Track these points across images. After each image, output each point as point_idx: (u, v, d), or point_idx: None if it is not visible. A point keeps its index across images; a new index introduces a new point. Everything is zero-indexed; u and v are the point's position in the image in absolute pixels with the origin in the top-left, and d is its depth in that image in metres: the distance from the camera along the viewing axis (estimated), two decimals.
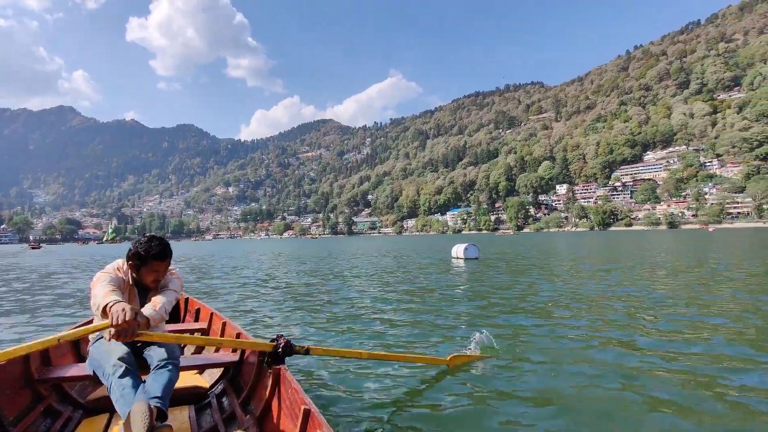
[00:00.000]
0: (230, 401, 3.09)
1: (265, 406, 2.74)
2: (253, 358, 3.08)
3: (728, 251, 22.56)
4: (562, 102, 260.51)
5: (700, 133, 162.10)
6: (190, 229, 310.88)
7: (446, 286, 10.86)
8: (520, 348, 5.02)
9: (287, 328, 6.40)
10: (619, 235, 78.74)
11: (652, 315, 6.73)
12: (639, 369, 4.24)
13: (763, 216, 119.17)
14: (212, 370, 3.55)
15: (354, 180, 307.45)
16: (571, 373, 4.17)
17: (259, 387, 2.98)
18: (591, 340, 5.35)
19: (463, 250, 21.86)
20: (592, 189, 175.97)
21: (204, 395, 3.22)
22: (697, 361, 4.50)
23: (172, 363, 2.40)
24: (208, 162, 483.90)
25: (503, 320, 6.67)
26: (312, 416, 2.14)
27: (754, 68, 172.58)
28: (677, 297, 8.46)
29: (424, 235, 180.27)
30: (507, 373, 4.22)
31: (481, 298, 8.88)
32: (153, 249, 2.66)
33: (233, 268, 18.88)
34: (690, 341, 5.29)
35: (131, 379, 2.20)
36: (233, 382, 3.33)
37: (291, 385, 2.49)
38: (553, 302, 8.11)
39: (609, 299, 8.31)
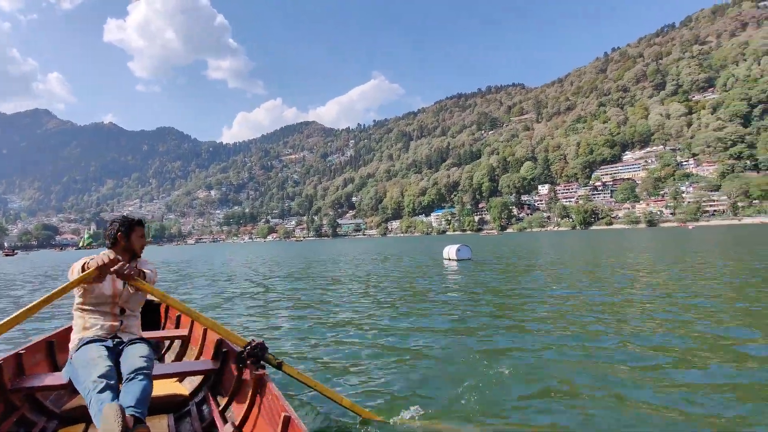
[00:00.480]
0: (210, 409, 3.03)
1: (245, 414, 2.70)
2: (234, 366, 2.99)
3: (709, 249, 23.09)
4: (542, 103, 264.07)
5: (676, 133, 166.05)
6: (171, 233, 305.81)
7: (444, 292, 10.27)
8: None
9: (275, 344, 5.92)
10: (600, 234, 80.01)
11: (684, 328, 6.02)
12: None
13: (738, 213, 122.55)
14: (192, 377, 3.46)
15: (338, 182, 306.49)
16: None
17: (240, 394, 2.92)
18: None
19: (456, 251, 21.40)
20: (574, 189, 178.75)
21: (184, 403, 3.15)
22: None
23: (143, 372, 2.39)
24: (189, 165, 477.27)
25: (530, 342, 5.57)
26: (292, 423, 2.12)
27: (727, 70, 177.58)
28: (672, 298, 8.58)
29: (409, 236, 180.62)
30: None
31: (489, 314, 7.51)
32: (131, 217, 2.98)
33: (214, 276, 18.21)
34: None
35: (111, 393, 2.21)
36: (214, 390, 3.25)
37: (272, 392, 2.46)
38: (558, 311, 7.48)
39: (614, 305, 7.87)
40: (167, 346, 4.68)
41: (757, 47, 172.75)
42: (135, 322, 2.89)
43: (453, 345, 5.47)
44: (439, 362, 4.79)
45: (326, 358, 5.08)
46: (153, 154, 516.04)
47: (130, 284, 2.68)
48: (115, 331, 2.71)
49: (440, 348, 5.34)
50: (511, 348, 5.28)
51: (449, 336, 5.93)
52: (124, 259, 2.79)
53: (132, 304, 2.86)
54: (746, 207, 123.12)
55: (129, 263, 2.78)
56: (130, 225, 2.92)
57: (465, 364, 4.65)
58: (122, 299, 2.79)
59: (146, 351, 2.61)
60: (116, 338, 2.68)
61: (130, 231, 2.91)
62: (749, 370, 4.19)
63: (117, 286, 2.77)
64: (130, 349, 2.59)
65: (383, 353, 5.23)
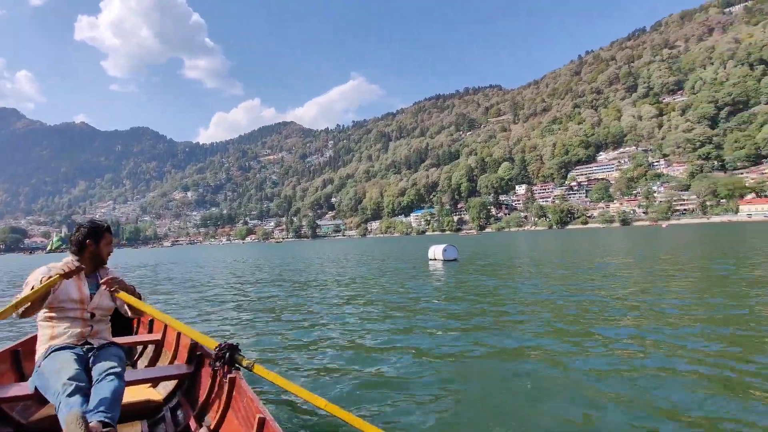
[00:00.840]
0: (185, 414, 2.99)
1: (220, 418, 2.67)
2: (208, 369, 2.96)
3: (686, 248, 23.82)
4: (519, 105, 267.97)
5: (648, 135, 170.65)
6: (146, 235, 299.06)
7: (437, 297, 9.87)
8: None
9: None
10: (577, 233, 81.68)
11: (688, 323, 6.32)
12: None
13: (707, 212, 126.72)
14: (166, 382, 3.40)
15: (317, 183, 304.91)
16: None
17: (215, 398, 2.89)
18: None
19: (442, 251, 20.86)
20: (550, 189, 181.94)
21: (158, 409, 3.09)
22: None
23: (114, 373, 2.32)
24: (164, 166, 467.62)
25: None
26: (267, 425, 2.10)
27: (695, 73, 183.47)
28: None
29: (389, 236, 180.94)
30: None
31: (482, 311, 7.80)
32: (100, 222, 2.85)
33: (194, 281, 17.81)
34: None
35: (81, 397, 2.13)
36: (188, 395, 3.21)
37: (246, 395, 2.43)
38: (556, 312, 7.51)
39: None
40: (140, 351, 4.61)
41: (722, 51, 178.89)
42: (105, 327, 2.81)
43: (444, 350, 5.45)
44: (431, 366, 4.82)
45: (313, 364, 5.06)
46: (127, 155, 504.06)
47: (120, 297, 2.63)
48: (85, 337, 2.61)
49: (434, 353, 5.31)
50: (498, 350, 5.39)
51: (443, 341, 5.82)
52: (89, 267, 2.74)
53: (102, 308, 2.77)
54: (714, 206, 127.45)
55: (96, 271, 2.76)
56: (100, 232, 2.80)
57: (455, 371, 4.66)
58: (92, 304, 2.70)
59: (117, 353, 2.57)
60: (87, 344, 2.59)
61: (100, 238, 2.79)
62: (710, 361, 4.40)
63: (84, 290, 2.67)
64: (101, 354, 2.53)
65: (371, 361, 5.15)
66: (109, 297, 2.78)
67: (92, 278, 2.79)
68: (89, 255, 2.77)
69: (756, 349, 4.90)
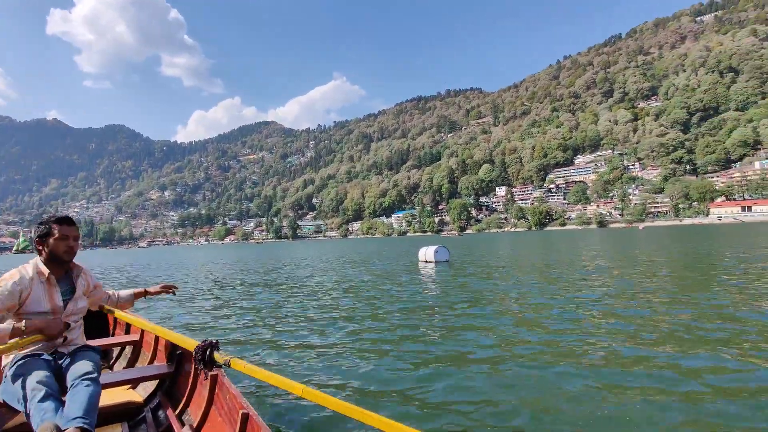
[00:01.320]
0: (166, 414, 2.96)
1: (202, 416, 2.65)
2: (189, 367, 2.95)
3: (670, 250, 24.61)
4: (499, 108, 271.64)
5: (623, 139, 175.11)
6: (122, 236, 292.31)
7: (436, 304, 9.08)
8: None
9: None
10: (556, 234, 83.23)
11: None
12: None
13: (680, 215, 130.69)
14: (146, 383, 3.35)
15: (298, 183, 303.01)
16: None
17: (196, 396, 2.89)
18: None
19: (433, 252, 20.34)
20: (529, 191, 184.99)
21: (138, 410, 3.05)
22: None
23: (89, 378, 2.22)
24: (141, 164, 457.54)
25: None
26: (251, 420, 2.08)
27: (668, 79, 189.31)
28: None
29: (370, 237, 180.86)
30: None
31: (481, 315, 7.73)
32: (57, 215, 2.51)
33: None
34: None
35: (53, 402, 2.05)
36: (169, 394, 3.18)
37: (229, 391, 2.41)
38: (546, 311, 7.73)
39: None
40: (117, 353, 4.56)
41: (694, 59, 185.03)
42: (78, 332, 2.64)
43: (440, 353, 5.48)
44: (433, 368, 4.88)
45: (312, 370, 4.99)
46: (101, 153, 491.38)
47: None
48: (56, 347, 2.46)
49: (429, 357, 5.36)
50: (493, 357, 5.56)
51: (447, 345, 5.75)
52: (55, 271, 2.49)
53: (76, 317, 2.59)
54: (686, 209, 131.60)
55: (70, 273, 2.57)
56: (48, 227, 2.46)
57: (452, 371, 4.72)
58: (66, 312, 2.50)
59: (91, 357, 2.45)
60: (56, 353, 2.45)
61: (48, 235, 2.46)
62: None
63: (56, 299, 2.46)
64: (75, 359, 2.39)
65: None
66: (85, 300, 2.65)
67: (64, 282, 2.56)
68: (47, 256, 2.48)
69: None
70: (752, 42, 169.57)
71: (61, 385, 2.26)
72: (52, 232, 2.46)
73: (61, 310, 2.46)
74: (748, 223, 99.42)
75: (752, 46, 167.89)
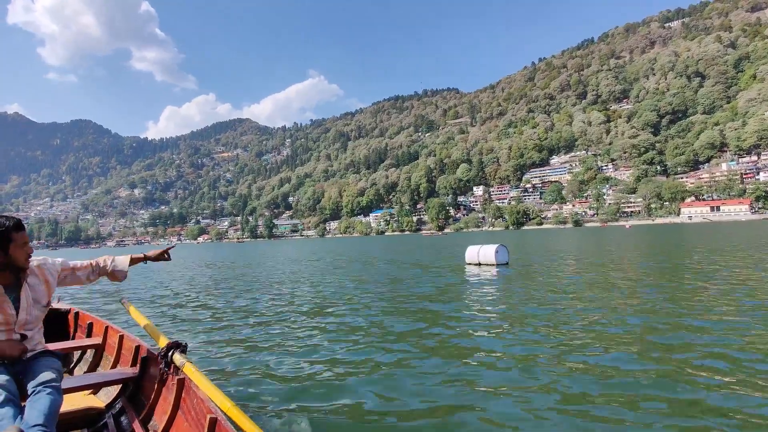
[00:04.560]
0: (129, 420, 2.83)
1: (168, 421, 2.54)
2: (155, 371, 2.82)
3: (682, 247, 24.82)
4: (476, 108, 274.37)
5: (597, 140, 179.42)
6: (88, 235, 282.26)
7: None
8: None
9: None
10: (541, 233, 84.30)
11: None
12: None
13: (652, 214, 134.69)
14: (108, 388, 3.23)
15: (274, 182, 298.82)
16: None
17: (162, 400, 2.76)
18: None
19: (494, 253, 16.83)
20: (506, 190, 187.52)
21: (99, 417, 2.93)
22: None
23: (51, 386, 2.13)
24: (109, 161, 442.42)
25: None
26: (219, 425, 2.03)
27: (639, 83, 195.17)
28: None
29: (348, 237, 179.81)
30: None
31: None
32: (7, 222, 2.25)
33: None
34: None
35: (12, 408, 1.98)
36: (133, 399, 3.04)
37: (196, 395, 2.32)
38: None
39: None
40: (78, 357, 4.26)
41: (663, 63, 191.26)
42: (38, 337, 2.48)
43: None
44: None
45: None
46: (67, 149, 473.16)
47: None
48: (15, 358, 2.30)
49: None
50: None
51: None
52: (7, 278, 2.30)
53: (33, 324, 2.42)
54: (658, 208, 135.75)
55: (22, 280, 2.36)
56: (5, 236, 2.23)
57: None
58: (19, 323, 2.33)
59: (52, 363, 2.33)
60: (14, 360, 2.30)
61: (7, 242, 2.24)
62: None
63: (7, 310, 2.29)
64: (34, 365, 2.26)
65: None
66: (40, 307, 2.44)
67: (13, 289, 2.34)
68: (2, 264, 2.26)
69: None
70: (717, 48, 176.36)
71: (20, 388, 2.17)
72: (14, 237, 2.26)
73: (14, 319, 2.30)
74: (716, 222, 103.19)
75: (717, 52, 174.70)
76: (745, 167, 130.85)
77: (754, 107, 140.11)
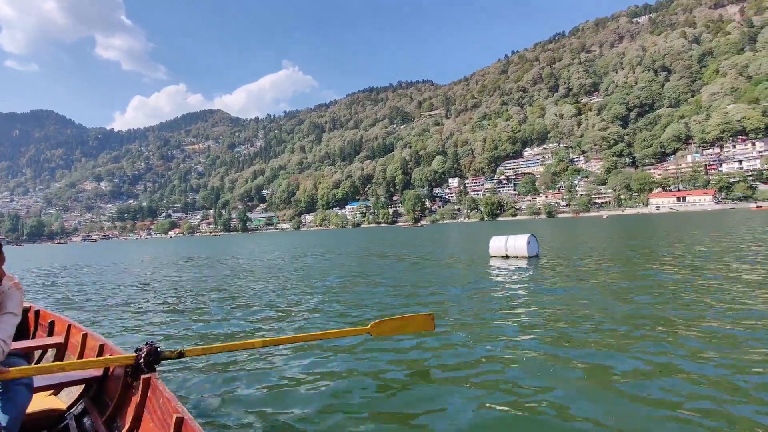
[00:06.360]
0: (93, 421, 2.77)
1: (133, 421, 2.48)
2: (120, 370, 2.78)
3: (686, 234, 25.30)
4: (451, 100, 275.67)
5: (568, 132, 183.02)
6: (52, 230, 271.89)
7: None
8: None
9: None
10: (511, 224, 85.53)
11: None
12: None
13: (621, 205, 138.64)
14: (71, 388, 3.14)
15: (247, 174, 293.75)
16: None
17: (127, 401, 2.70)
18: None
19: (525, 244, 15.18)
20: (481, 182, 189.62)
21: (60, 418, 2.84)
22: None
23: (23, 384, 2.07)
24: (73, 153, 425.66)
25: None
26: (185, 424, 2.00)
27: (609, 76, 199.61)
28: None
29: (323, 229, 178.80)
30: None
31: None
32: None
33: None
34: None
35: None
36: (97, 400, 2.97)
37: (163, 395, 2.28)
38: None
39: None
40: (39, 356, 4.14)
41: (632, 58, 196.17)
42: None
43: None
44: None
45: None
46: (27, 140, 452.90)
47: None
48: None
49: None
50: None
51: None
52: None
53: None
54: (627, 199, 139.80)
55: None
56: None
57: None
58: None
59: (16, 362, 2.30)
60: None
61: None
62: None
63: None
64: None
65: None
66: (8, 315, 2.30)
67: None
68: None
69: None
70: (682, 43, 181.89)
71: None
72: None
73: None
74: (682, 212, 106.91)
75: (682, 47, 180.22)
76: (708, 159, 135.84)
77: (717, 101, 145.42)
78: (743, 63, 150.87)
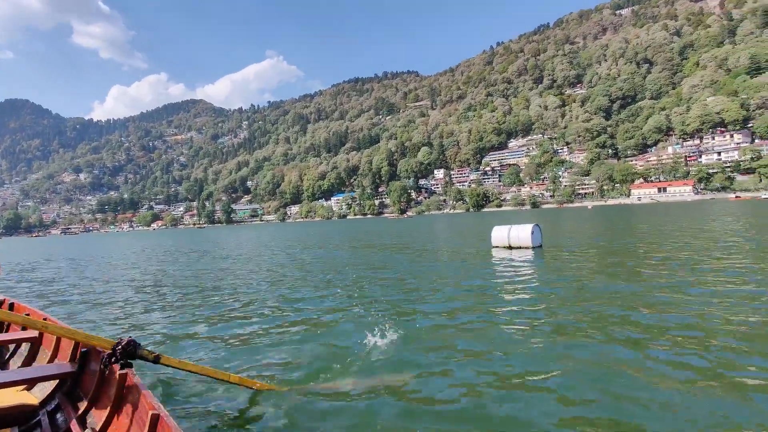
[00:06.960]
0: (66, 417, 2.73)
1: (107, 417, 2.44)
2: (95, 366, 2.73)
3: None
4: (436, 91, 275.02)
5: (552, 123, 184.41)
6: (30, 223, 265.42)
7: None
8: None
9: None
10: (496, 215, 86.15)
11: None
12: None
13: (605, 195, 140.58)
14: (44, 383, 3.08)
15: (231, 165, 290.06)
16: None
17: (102, 397, 2.66)
18: None
19: (530, 234, 14.84)
20: (466, 173, 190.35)
21: (33, 414, 2.80)
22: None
23: None
24: (50, 144, 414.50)
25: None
26: (161, 421, 1.97)
27: (592, 68, 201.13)
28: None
29: (309, 221, 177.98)
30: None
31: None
32: None
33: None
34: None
35: None
36: (71, 395, 2.93)
37: (139, 391, 2.25)
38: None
39: None
40: (12, 350, 4.09)
41: (615, 50, 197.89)
42: None
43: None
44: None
45: None
46: (1, 131, 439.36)
47: None
48: None
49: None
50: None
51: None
52: None
53: None
54: (610, 190, 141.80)
55: None
56: None
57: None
58: None
59: None
60: None
61: None
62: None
63: None
64: None
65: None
66: None
67: None
68: None
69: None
70: (664, 36, 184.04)
71: None
72: None
73: None
74: (663, 202, 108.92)
75: (664, 39, 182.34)
76: (689, 150, 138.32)
77: (697, 93, 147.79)
78: (723, 56, 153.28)
